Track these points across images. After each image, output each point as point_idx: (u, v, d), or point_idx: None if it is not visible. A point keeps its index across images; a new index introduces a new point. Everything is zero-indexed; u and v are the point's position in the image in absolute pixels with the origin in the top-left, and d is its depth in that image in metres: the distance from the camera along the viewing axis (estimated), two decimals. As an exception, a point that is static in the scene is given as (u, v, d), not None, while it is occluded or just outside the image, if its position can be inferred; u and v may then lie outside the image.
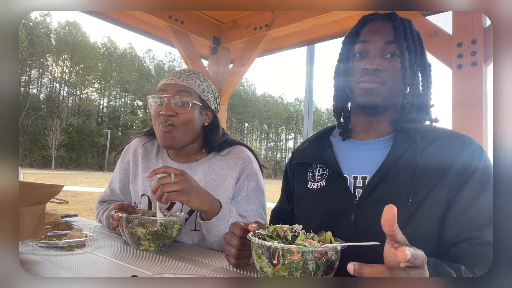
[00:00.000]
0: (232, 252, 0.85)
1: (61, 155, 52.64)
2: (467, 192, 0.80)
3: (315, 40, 2.61)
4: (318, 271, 0.65)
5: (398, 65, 0.88)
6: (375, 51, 0.89)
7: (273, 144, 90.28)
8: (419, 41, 0.93)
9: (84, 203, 9.55)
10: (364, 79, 0.89)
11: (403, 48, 0.88)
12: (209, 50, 2.82)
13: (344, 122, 1.03)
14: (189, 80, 1.22)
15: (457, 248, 0.77)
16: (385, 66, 0.88)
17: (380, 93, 0.88)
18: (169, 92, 1.18)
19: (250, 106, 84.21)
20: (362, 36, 0.93)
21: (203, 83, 1.26)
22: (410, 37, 0.90)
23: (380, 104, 0.90)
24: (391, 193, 0.85)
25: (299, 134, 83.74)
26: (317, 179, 0.99)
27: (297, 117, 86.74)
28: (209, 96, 1.28)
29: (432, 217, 0.81)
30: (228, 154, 1.29)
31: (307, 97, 3.09)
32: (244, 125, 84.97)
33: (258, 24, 2.48)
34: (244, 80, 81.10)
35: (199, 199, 0.98)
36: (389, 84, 0.88)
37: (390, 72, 0.88)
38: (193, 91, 1.21)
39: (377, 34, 0.90)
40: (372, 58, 0.89)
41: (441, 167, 0.83)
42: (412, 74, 0.89)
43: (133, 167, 1.34)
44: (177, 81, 1.20)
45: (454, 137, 0.88)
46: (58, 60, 62.04)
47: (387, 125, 0.96)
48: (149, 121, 1.32)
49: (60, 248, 0.96)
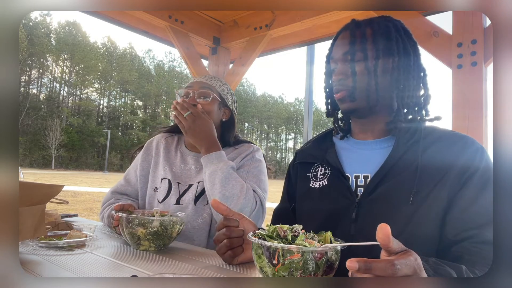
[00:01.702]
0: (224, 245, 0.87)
1: (61, 155, 52.65)
2: (468, 191, 0.80)
3: (315, 40, 2.61)
4: (318, 271, 0.65)
5: (361, 69, 0.91)
6: (339, 61, 0.96)
7: (273, 144, 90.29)
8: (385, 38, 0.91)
9: (84, 203, 9.54)
10: (335, 89, 0.96)
11: (355, 53, 0.91)
12: (209, 50, 2.82)
13: (337, 125, 1.07)
14: (212, 81, 1.45)
15: (458, 247, 0.78)
16: (346, 72, 0.93)
17: (352, 99, 0.92)
18: (194, 88, 1.40)
19: (250, 106, 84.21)
20: (332, 53, 0.99)
21: (223, 85, 1.48)
22: (367, 38, 0.91)
23: (359, 107, 0.93)
24: (392, 192, 0.85)
25: (299, 134, 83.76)
26: (319, 178, 1.00)
27: (297, 117, 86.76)
28: (228, 96, 1.48)
29: (433, 216, 0.81)
30: (241, 146, 1.47)
31: (307, 97, 3.09)
32: (244, 125, 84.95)
33: (258, 24, 2.48)
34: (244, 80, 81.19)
35: (195, 138, 1.28)
36: (360, 87, 0.91)
37: (355, 77, 0.91)
38: (214, 88, 1.43)
39: (338, 45, 0.96)
40: (339, 68, 0.95)
41: (442, 167, 0.83)
42: (371, 74, 0.90)
43: (154, 157, 1.48)
44: (201, 80, 1.43)
45: (456, 137, 0.88)
46: (58, 60, 62.07)
47: (383, 126, 0.97)
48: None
49: (60, 248, 0.96)
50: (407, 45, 0.93)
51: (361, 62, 0.91)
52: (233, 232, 0.87)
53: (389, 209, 0.84)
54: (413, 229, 0.81)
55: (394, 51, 0.91)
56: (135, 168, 1.49)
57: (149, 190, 1.42)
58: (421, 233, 0.81)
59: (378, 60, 0.90)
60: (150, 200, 1.40)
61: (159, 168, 1.44)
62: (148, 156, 1.49)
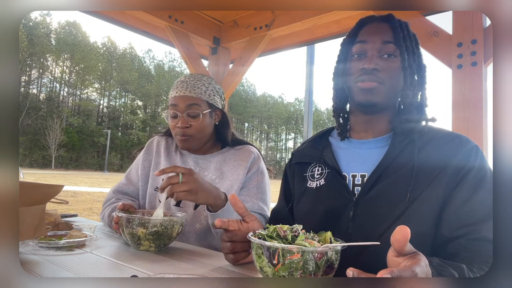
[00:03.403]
0: (226, 247, 0.87)
1: (61, 155, 52.62)
2: (463, 189, 0.81)
3: (315, 40, 2.61)
4: (318, 271, 0.65)
5: (395, 65, 0.90)
6: (373, 51, 0.91)
7: (273, 144, 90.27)
8: (416, 42, 0.96)
9: (84, 203, 9.55)
10: (362, 78, 0.91)
11: (402, 48, 0.90)
12: (209, 50, 2.82)
13: (343, 122, 1.05)
14: (196, 89, 1.34)
15: (454, 244, 0.78)
16: (383, 65, 0.90)
17: (379, 92, 0.91)
18: (180, 106, 1.32)
19: (250, 106, 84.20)
20: (360, 37, 0.95)
21: (208, 88, 1.37)
22: (407, 38, 0.92)
23: (379, 103, 0.92)
24: (389, 190, 0.86)
25: (299, 134, 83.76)
26: (316, 178, 1.01)
27: (297, 117, 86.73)
28: (215, 98, 1.40)
29: (429, 213, 0.82)
30: (242, 149, 1.45)
31: (307, 97, 3.09)
32: (244, 125, 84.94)
33: (258, 24, 2.48)
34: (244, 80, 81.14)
35: (205, 196, 1.04)
36: (387, 83, 0.90)
37: (387, 72, 0.90)
38: (201, 100, 1.34)
39: (375, 34, 0.92)
40: (370, 58, 0.91)
41: (438, 165, 0.84)
42: (409, 74, 0.91)
43: (155, 157, 1.48)
44: (185, 93, 1.32)
45: (451, 136, 0.89)
46: (58, 60, 62.04)
47: (386, 124, 0.97)
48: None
49: (60, 248, 0.96)
50: (418, 45, 0.97)
51: (396, 58, 0.91)
52: (235, 236, 0.87)
53: (386, 207, 0.85)
54: (410, 226, 0.81)
55: (414, 49, 0.94)
56: (136, 167, 1.49)
57: (149, 189, 1.42)
58: (417, 231, 0.82)
59: (409, 57, 0.91)
60: (151, 199, 1.40)
61: (159, 167, 1.44)
62: (149, 156, 1.49)
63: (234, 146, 1.45)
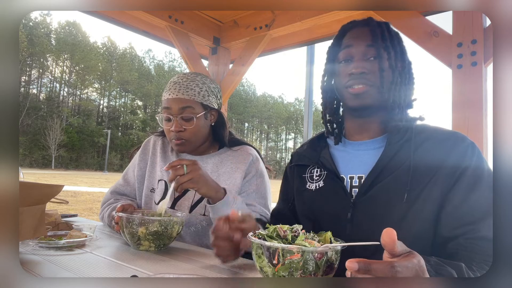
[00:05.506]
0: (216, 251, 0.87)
1: (61, 155, 52.62)
2: (461, 188, 0.81)
3: (315, 40, 2.61)
4: (318, 271, 0.65)
5: (380, 66, 0.91)
6: (358, 55, 0.93)
7: (273, 144, 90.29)
8: (398, 40, 0.97)
9: (84, 203, 9.54)
10: (352, 83, 0.92)
11: (381, 50, 0.91)
12: (209, 50, 2.82)
13: (337, 128, 1.05)
14: (189, 91, 1.28)
15: (453, 243, 0.78)
16: (370, 68, 0.91)
17: (369, 95, 0.91)
18: (173, 109, 1.27)
19: (250, 106, 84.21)
20: (345, 42, 0.97)
21: (202, 89, 1.31)
22: (388, 38, 0.93)
23: (371, 105, 0.93)
24: (386, 191, 0.86)
25: (299, 134, 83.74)
26: (315, 179, 1.02)
27: (297, 117, 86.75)
28: (210, 98, 1.34)
29: (427, 213, 0.82)
30: (239, 150, 1.41)
31: (307, 97, 3.08)
32: (244, 125, 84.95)
33: (258, 24, 2.48)
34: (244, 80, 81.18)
35: (206, 186, 1.09)
36: (377, 85, 0.91)
37: (375, 74, 0.91)
38: (194, 102, 1.29)
39: (358, 39, 0.94)
40: (357, 62, 0.92)
41: (434, 164, 0.84)
42: (393, 73, 0.92)
43: (151, 157, 1.46)
44: (177, 95, 1.27)
45: (447, 134, 0.89)
46: (58, 60, 62.06)
47: (379, 125, 0.97)
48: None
49: (60, 248, 0.96)
50: (402, 43, 0.98)
51: (383, 60, 0.92)
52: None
53: (384, 208, 0.85)
54: (408, 227, 0.82)
55: (397, 48, 0.95)
56: (133, 168, 1.48)
57: (145, 190, 1.41)
58: (415, 231, 0.82)
59: (390, 57, 0.92)
60: (147, 200, 1.39)
61: (156, 168, 1.43)
62: (146, 156, 1.48)
63: (231, 147, 1.42)
